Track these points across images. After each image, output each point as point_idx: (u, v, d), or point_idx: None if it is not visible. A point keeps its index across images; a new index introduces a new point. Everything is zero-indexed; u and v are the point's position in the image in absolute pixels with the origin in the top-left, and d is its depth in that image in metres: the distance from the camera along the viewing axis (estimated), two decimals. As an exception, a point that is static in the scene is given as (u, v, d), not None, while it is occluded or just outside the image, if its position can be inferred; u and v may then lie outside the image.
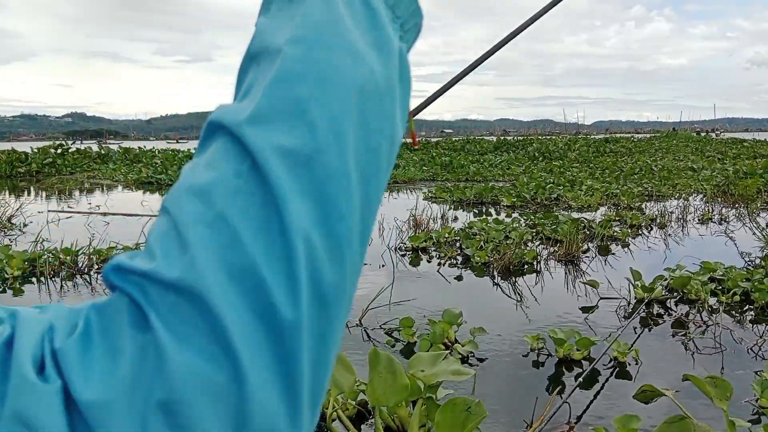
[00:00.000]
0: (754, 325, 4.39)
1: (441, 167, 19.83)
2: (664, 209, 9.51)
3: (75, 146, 24.61)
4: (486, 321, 4.11)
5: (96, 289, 5.58)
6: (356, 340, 4.14)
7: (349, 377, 2.72)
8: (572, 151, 25.06)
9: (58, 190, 15.77)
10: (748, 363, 3.65)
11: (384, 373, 2.47)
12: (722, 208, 10.17)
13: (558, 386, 3.23)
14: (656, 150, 26.31)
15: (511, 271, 6.05)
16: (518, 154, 24.88)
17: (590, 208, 10.66)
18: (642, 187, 12.88)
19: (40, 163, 20.89)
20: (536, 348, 3.83)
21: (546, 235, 7.59)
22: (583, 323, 4.44)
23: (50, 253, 6.18)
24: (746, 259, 6.25)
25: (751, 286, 4.92)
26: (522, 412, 2.98)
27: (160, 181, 17.31)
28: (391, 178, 15.48)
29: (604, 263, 6.44)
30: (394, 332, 4.24)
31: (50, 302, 5.05)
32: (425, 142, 31.79)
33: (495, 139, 31.19)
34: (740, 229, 8.05)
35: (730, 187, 12.14)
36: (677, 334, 4.18)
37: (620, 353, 3.63)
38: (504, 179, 16.43)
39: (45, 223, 8.86)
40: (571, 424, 2.89)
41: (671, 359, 3.77)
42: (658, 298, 4.91)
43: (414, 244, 7.15)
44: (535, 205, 11.11)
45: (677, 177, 15.01)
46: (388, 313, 4.58)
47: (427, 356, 2.76)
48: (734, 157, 21.66)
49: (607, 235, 7.69)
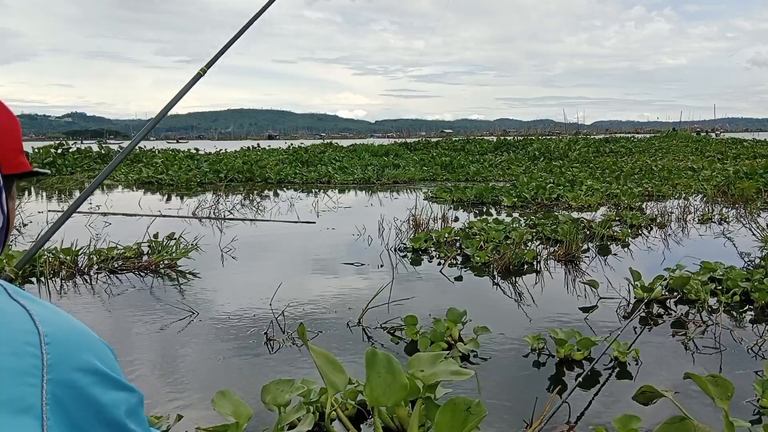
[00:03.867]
0: (754, 325, 4.39)
1: (441, 167, 19.83)
2: (664, 209, 9.51)
3: (75, 146, 24.61)
4: (486, 321, 4.11)
5: (96, 289, 5.57)
6: (356, 339, 4.14)
7: (341, 376, 2.72)
8: (572, 151, 25.06)
9: (58, 190, 15.78)
10: (747, 363, 3.65)
11: (383, 373, 2.47)
12: (722, 209, 10.17)
13: (558, 386, 3.23)
14: (656, 150, 26.31)
15: (511, 271, 6.05)
16: (518, 154, 24.88)
17: (590, 208, 10.66)
18: (642, 187, 12.88)
19: (40, 163, 20.90)
20: (537, 348, 3.83)
21: (546, 235, 7.59)
22: (583, 323, 4.44)
23: (50, 253, 6.17)
24: (746, 259, 6.25)
25: (751, 286, 4.92)
26: (522, 412, 2.98)
27: (160, 181, 17.31)
28: (392, 178, 15.52)
29: (603, 263, 6.44)
30: (396, 331, 4.25)
31: (50, 302, 5.05)
32: (425, 142, 31.75)
33: (495, 139, 31.17)
34: (740, 230, 8.04)
35: (730, 188, 12.14)
36: (677, 334, 4.17)
37: (620, 353, 3.63)
38: (504, 179, 16.44)
39: (45, 222, 8.87)
40: (571, 424, 2.89)
41: (671, 359, 3.76)
42: (658, 298, 4.91)
43: (414, 245, 7.15)
44: (536, 205, 11.12)
45: (677, 177, 15.01)
46: (388, 312, 4.58)
47: (427, 356, 2.76)
48: (734, 157, 21.66)
49: (607, 235, 7.69)
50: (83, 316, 4.70)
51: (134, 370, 3.58)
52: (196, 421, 2.89)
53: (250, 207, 11.76)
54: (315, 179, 17.46)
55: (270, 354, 3.88)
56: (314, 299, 5.10)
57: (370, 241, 7.70)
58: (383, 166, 19.87)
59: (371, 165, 20.21)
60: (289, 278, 5.75)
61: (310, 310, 4.78)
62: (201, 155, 24.19)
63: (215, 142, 62.26)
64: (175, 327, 4.41)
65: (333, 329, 4.33)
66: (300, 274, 6.15)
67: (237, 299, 5.10)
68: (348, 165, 20.48)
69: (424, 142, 31.30)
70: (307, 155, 23.72)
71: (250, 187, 16.15)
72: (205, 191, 14.95)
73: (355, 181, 17.34)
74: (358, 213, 10.67)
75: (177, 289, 5.56)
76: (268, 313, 4.65)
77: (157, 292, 5.46)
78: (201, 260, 6.63)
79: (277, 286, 5.15)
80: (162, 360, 3.80)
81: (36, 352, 0.68)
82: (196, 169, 19.07)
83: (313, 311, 4.77)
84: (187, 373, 3.58)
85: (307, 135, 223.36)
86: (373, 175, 17.69)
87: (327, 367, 2.73)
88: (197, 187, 16.16)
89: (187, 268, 6.29)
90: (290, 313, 4.64)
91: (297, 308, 4.80)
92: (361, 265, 6.40)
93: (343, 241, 7.84)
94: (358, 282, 5.73)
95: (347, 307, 4.82)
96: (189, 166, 20.08)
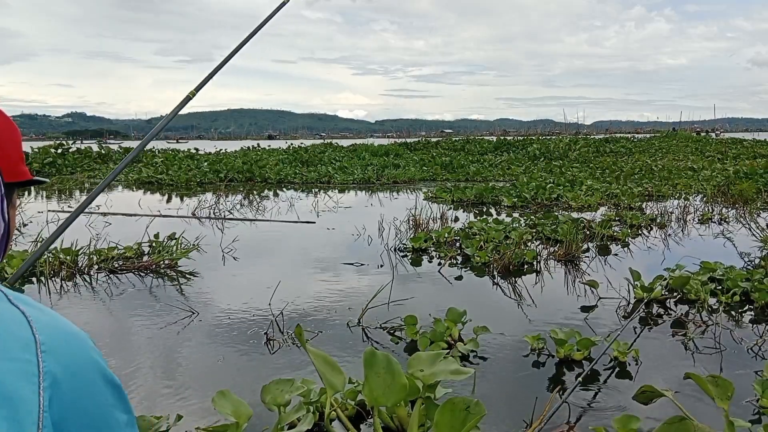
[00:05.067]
0: (754, 325, 4.39)
1: (441, 167, 19.82)
2: (664, 209, 9.51)
3: (75, 146, 24.61)
4: (486, 321, 4.11)
5: (96, 289, 5.57)
6: (356, 339, 4.14)
7: (339, 377, 2.72)
8: (572, 151, 25.05)
9: (58, 190, 15.78)
10: (747, 363, 3.65)
11: (382, 373, 2.47)
12: (722, 209, 10.17)
13: (558, 386, 3.23)
14: (656, 150, 26.30)
15: (511, 271, 6.05)
16: (518, 154, 24.87)
17: (590, 208, 10.66)
18: (642, 187, 12.88)
19: (40, 163, 20.89)
20: (536, 348, 3.83)
21: (546, 235, 7.59)
22: (583, 323, 4.44)
23: (50, 253, 6.17)
24: (746, 259, 6.25)
25: (751, 286, 4.92)
26: (522, 412, 2.98)
27: (160, 180, 17.31)
28: (391, 178, 15.48)
29: (603, 263, 6.44)
30: (396, 331, 4.25)
31: (50, 302, 5.05)
32: (425, 141, 31.75)
33: (495, 139, 31.17)
34: (740, 230, 8.05)
35: (730, 188, 12.14)
36: (677, 334, 4.18)
37: (620, 353, 3.62)
38: (504, 179, 16.43)
39: (45, 222, 8.86)
40: (571, 424, 2.89)
41: (671, 359, 3.76)
42: (658, 298, 4.91)
43: (414, 245, 7.14)
44: (536, 205, 11.11)
45: (677, 177, 15.01)
46: (388, 312, 4.58)
47: (426, 356, 2.76)
48: (734, 158, 21.65)
49: (607, 235, 7.69)
50: (83, 316, 4.70)
51: (134, 370, 3.58)
52: (196, 421, 2.89)
53: (250, 207, 11.76)
54: (315, 179, 17.46)
55: (270, 354, 3.88)
56: (314, 299, 5.10)
57: (370, 241, 7.70)
58: (383, 166, 19.87)
59: (371, 165, 20.21)
60: (289, 278, 5.75)
61: (310, 310, 4.78)
62: (201, 155, 24.19)
63: (215, 142, 62.26)
64: (175, 327, 4.41)
65: (333, 329, 4.33)
66: (300, 274, 6.15)
67: (237, 299, 5.10)
68: (348, 165, 20.47)
69: (424, 142, 31.29)
70: (307, 155, 23.72)
71: (250, 187, 16.15)
72: (205, 191, 14.95)
73: (355, 181, 17.34)
74: (358, 213, 10.67)
75: (177, 289, 5.56)
76: (267, 313, 4.65)
77: (157, 292, 5.46)
78: (201, 260, 6.63)
79: (277, 286, 5.15)
80: (162, 360, 3.80)
81: (32, 359, 0.68)
82: (196, 169, 19.07)
83: (313, 311, 4.77)
84: (187, 373, 3.58)
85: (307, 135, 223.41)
86: (373, 175, 17.69)
87: (325, 368, 2.73)
88: (197, 187, 16.16)
89: (187, 268, 6.29)
90: (290, 313, 4.64)
91: (297, 308, 4.80)
92: (361, 265, 6.40)
93: (343, 241, 7.84)
94: (358, 282, 5.73)
95: (347, 307, 4.82)
96: (189, 166, 20.08)
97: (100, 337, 4.17)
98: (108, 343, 4.08)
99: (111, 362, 3.71)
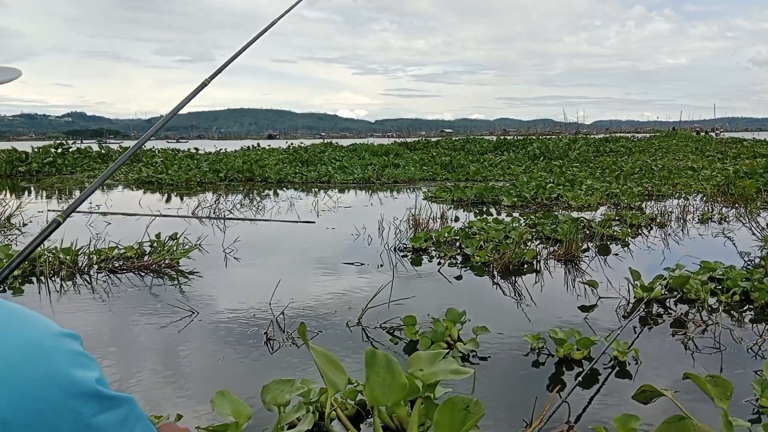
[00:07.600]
0: (754, 324, 4.39)
1: (441, 167, 19.82)
2: (664, 209, 9.51)
3: (75, 146, 24.60)
4: (486, 320, 4.11)
5: (96, 289, 5.58)
6: (356, 339, 4.14)
7: (341, 376, 2.72)
8: (572, 150, 25.05)
9: (59, 190, 15.78)
10: (747, 363, 3.65)
11: (382, 373, 2.47)
12: (722, 208, 10.18)
13: (558, 385, 3.24)
14: (656, 150, 26.29)
15: (511, 271, 6.05)
16: (518, 153, 24.87)
17: (590, 208, 10.67)
18: (642, 187, 12.88)
19: (40, 163, 20.90)
20: (536, 348, 3.83)
21: (546, 234, 7.59)
22: (583, 323, 4.44)
23: (50, 253, 6.17)
24: (746, 258, 6.25)
25: (751, 286, 4.92)
26: (521, 411, 2.98)
27: (160, 180, 17.32)
28: (391, 178, 15.51)
29: (603, 263, 6.44)
30: (395, 331, 4.25)
31: (50, 302, 5.06)
32: (425, 141, 31.76)
33: (495, 139, 31.18)
34: (740, 229, 8.04)
35: (730, 187, 12.14)
36: (677, 333, 4.18)
37: (620, 352, 3.62)
38: (504, 179, 16.44)
39: (45, 222, 8.86)
40: (571, 423, 2.89)
41: (671, 359, 3.77)
42: (658, 298, 4.91)
43: (414, 245, 7.15)
44: (535, 205, 11.12)
45: (677, 177, 15.01)
46: (389, 312, 4.58)
47: (426, 355, 2.76)
48: (734, 157, 21.65)
49: (607, 235, 7.69)
50: (83, 316, 4.71)
51: (134, 370, 3.58)
52: (195, 421, 2.90)
53: (250, 207, 11.76)
54: (315, 179, 17.46)
55: (270, 354, 3.88)
56: (314, 299, 5.10)
57: (370, 240, 7.70)
58: (383, 165, 19.86)
59: (371, 164, 20.21)
60: (289, 278, 5.75)
61: (310, 310, 4.78)
62: (201, 155, 24.18)
63: (215, 142, 62.25)
64: (175, 327, 4.41)
65: (333, 329, 4.33)
66: (300, 273, 6.15)
67: (237, 299, 5.10)
68: (348, 164, 20.47)
69: (424, 142, 31.29)
70: (307, 155, 23.71)
71: (250, 187, 16.15)
72: (205, 191, 14.95)
73: (355, 180, 17.33)
74: (358, 212, 10.67)
75: (177, 288, 5.56)
76: (267, 312, 4.65)
77: (157, 291, 5.46)
78: (201, 260, 6.63)
79: (277, 286, 5.15)
80: (162, 360, 3.80)
81: None
82: (196, 168, 19.06)
83: (313, 311, 4.77)
84: (187, 373, 3.58)
85: (307, 134, 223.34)
86: (373, 174, 17.69)
87: (327, 367, 2.73)
88: (197, 187, 16.16)
89: (187, 268, 6.29)
90: (290, 313, 4.64)
91: (297, 308, 4.80)
92: (361, 265, 6.40)
93: (343, 241, 7.84)
94: (358, 282, 5.74)
95: (347, 307, 4.82)
96: (189, 165, 20.07)
97: (99, 337, 4.17)
98: (108, 342, 4.08)
99: (110, 362, 3.72)
